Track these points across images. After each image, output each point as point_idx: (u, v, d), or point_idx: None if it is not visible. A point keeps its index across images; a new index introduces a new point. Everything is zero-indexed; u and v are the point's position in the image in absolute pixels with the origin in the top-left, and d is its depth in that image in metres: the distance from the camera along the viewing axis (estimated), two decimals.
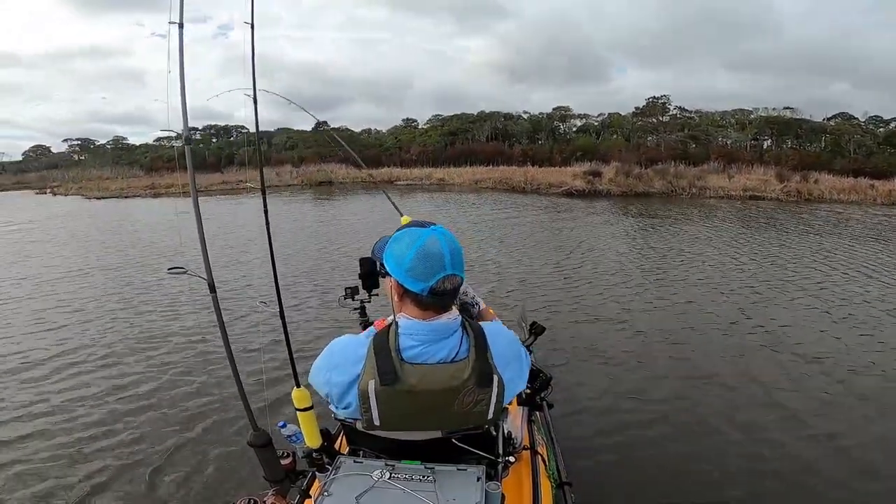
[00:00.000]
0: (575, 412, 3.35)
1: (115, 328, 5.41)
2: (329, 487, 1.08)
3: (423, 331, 1.09)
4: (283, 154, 46.31)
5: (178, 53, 1.64)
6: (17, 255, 10.10)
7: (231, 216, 16.43)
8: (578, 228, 11.76)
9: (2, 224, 15.73)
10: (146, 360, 4.47)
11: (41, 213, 19.46)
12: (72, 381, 4.08)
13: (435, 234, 1.10)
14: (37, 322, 5.63)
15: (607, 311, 5.68)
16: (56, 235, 12.98)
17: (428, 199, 20.46)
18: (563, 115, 47.65)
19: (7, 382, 4.11)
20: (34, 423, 3.44)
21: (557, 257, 8.63)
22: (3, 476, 2.83)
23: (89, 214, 18.39)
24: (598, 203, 16.94)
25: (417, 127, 50.79)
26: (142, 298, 6.60)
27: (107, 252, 10.16)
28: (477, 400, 1.08)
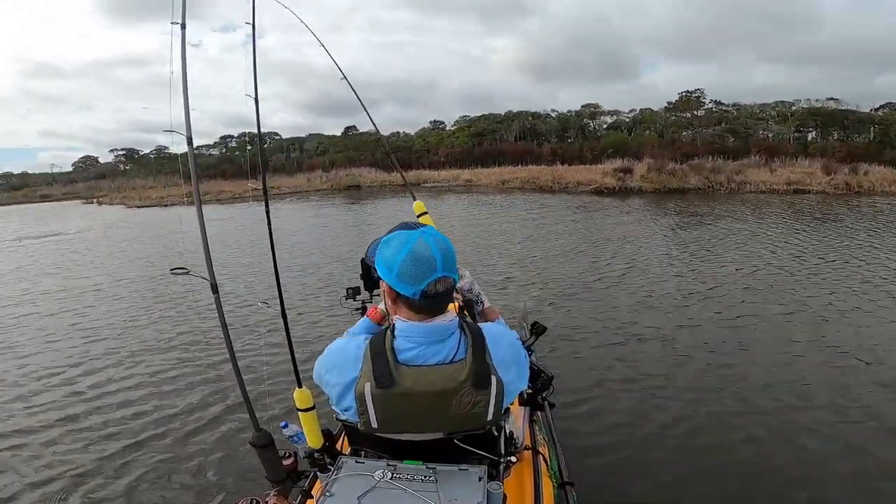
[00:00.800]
0: (577, 412, 3.32)
1: (115, 328, 5.44)
2: (331, 488, 1.08)
3: (420, 333, 1.08)
4: (315, 159, 47.25)
5: (181, 54, 1.63)
6: (46, 264, 10.57)
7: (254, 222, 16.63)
8: (608, 228, 11.33)
9: (42, 235, 16.59)
10: (148, 360, 4.49)
11: (79, 223, 20.40)
12: (71, 380, 4.11)
13: (424, 237, 1.08)
14: (42, 329, 5.72)
15: (614, 311, 5.56)
16: (76, 246, 13.54)
17: (455, 200, 20.37)
18: (592, 113, 46.80)
19: (7, 381, 4.19)
20: (34, 422, 3.47)
21: (582, 258, 8.36)
22: (2, 477, 2.85)
23: (126, 224, 19.14)
24: (630, 201, 16.41)
25: (445, 128, 50.96)
26: (143, 299, 6.67)
27: (112, 257, 10.55)
28: (475, 401, 1.06)
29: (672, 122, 41.01)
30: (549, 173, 23.98)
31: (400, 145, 48.03)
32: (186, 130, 1.64)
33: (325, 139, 53.00)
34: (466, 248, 9.70)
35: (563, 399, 3.32)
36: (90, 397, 3.84)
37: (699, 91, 39.86)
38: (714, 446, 2.93)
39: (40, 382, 4.19)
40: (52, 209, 31.79)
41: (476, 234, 11.27)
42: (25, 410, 3.69)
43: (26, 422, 3.50)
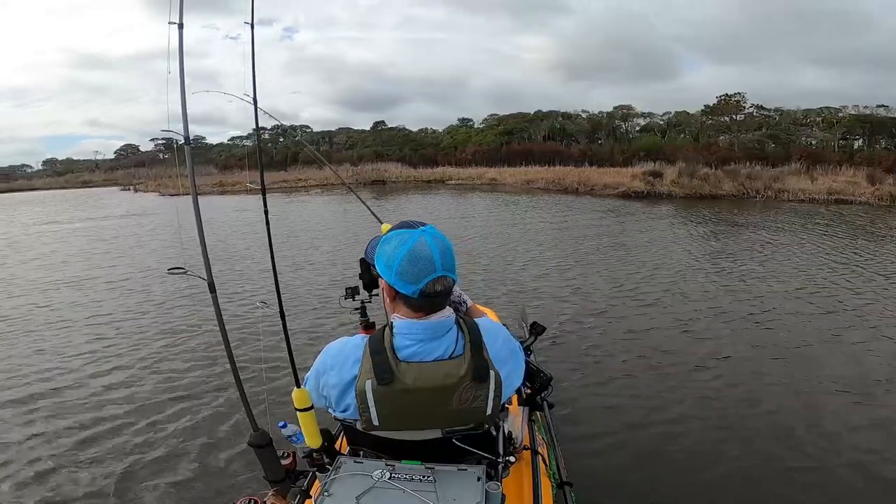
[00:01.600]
0: (576, 412, 3.32)
1: (116, 328, 5.41)
2: (329, 487, 1.08)
3: (418, 330, 1.09)
4: (343, 153, 47.74)
5: (179, 53, 1.65)
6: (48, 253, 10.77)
7: (284, 214, 16.88)
8: (630, 233, 10.91)
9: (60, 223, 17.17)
10: (147, 359, 4.45)
11: (107, 211, 21.06)
12: (71, 381, 4.06)
13: (424, 236, 1.09)
14: (37, 320, 5.76)
15: (612, 309, 5.58)
16: (87, 234, 13.85)
17: (477, 200, 20.18)
18: (624, 114, 45.71)
19: (7, 376, 4.19)
20: (33, 421, 3.44)
21: (596, 261, 8.08)
22: (1, 478, 2.83)
23: (149, 211, 19.65)
24: (659, 206, 15.84)
25: (473, 126, 50.68)
26: (144, 298, 6.62)
27: (107, 255, 10.40)
28: (475, 396, 1.07)
29: (709, 125, 39.59)
30: (575, 175, 23.46)
31: (427, 142, 48.03)
32: (184, 129, 1.66)
33: (354, 133, 53.55)
34: (484, 249, 9.49)
35: (563, 399, 3.34)
36: (85, 396, 3.80)
37: (739, 94, 38.32)
38: (714, 447, 2.92)
39: (34, 378, 4.15)
40: (89, 195, 32.95)
41: (495, 235, 11.05)
42: (17, 410, 3.64)
43: (18, 420, 3.46)
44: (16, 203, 29.09)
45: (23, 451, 3.10)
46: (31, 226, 16.40)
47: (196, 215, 1.68)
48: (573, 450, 2.70)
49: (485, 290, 6.35)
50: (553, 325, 4.90)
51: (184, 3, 1.67)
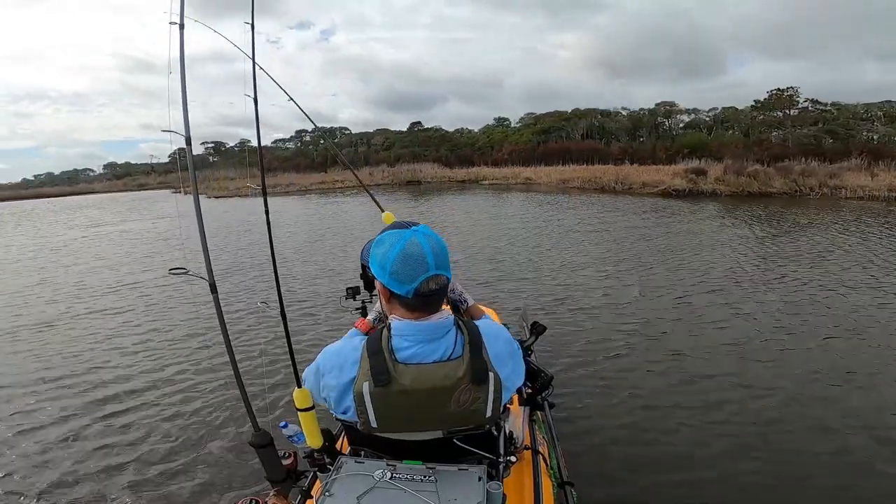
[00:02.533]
0: (577, 412, 3.30)
1: (116, 328, 5.43)
2: (330, 487, 1.08)
3: (415, 331, 1.08)
4: (380, 154, 48.39)
5: (179, 53, 1.66)
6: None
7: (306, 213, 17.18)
8: (662, 236, 10.30)
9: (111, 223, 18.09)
10: (147, 360, 4.46)
11: (152, 213, 22.05)
12: (70, 381, 4.09)
13: (416, 236, 1.09)
14: (43, 323, 5.83)
15: (606, 309, 5.53)
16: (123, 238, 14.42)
17: (510, 199, 19.91)
18: (667, 111, 44.02)
19: (7, 372, 4.27)
20: (32, 420, 3.49)
21: (619, 262, 7.72)
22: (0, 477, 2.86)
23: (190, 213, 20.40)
24: (702, 205, 15.03)
25: (509, 125, 50.20)
26: (143, 298, 6.65)
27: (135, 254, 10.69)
28: (473, 398, 1.06)
29: (760, 121, 37.53)
30: (612, 173, 22.75)
31: (464, 142, 47.95)
32: (185, 130, 1.65)
33: (391, 134, 54.16)
34: (513, 250, 9.29)
35: (563, 399, 3.33)
36: (87, 397, 3.82)
37: (793, 89, 36.06)
38: (715, 447, 2.89)
39: (37, 377, 4.19)
40: (143, 198, 34.63)
41: (522, 239, 10.81)
42: (20, 408, 3.68)
43: (20, 420, 3.49)
44: (78, 207, 30.98)
45: (19, 449, 3.12)
46: (87, 228, 17.41)
47: (197, 216, 1.66)
48: (574, 449, 2.69)
49: (509, 296, 6.20)
50: (553, 324, 4.83)
51: (184, 4, 1.67)
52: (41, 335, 5.43)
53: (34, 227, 19.24)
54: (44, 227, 18.75)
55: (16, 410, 3.65)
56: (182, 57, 1.65)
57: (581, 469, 2.49)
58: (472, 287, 5.74)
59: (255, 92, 2.14)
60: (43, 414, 3.58)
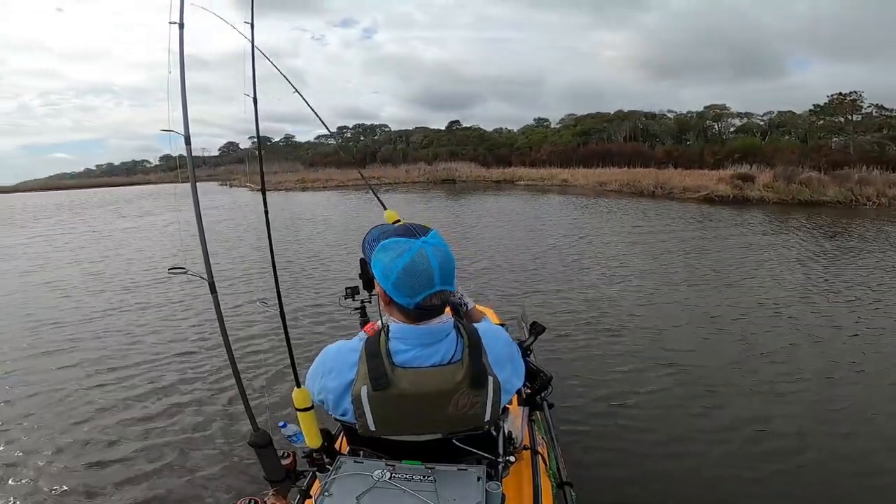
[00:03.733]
0: (576, 412, 3.27)
1: (116, 328, 5.36)
2: (329, 487, 1.08)
3: (415, 335, 1.07)
4: (419, 152, 48.74)
5: (179, 53, 1.62)
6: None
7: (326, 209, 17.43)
8: (691, 240, 9.80)
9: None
10: (147, 360, 4.41)
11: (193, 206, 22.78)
12: (69, 381, 4.03)
13: (425, 248, 1.05)
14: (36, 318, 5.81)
15: (612, 308, 5.47)
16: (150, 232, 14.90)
17: (543, 201, 19.57)
18: (717, 114, 42.11)
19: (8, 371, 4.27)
20: (33, 419, 3.45)
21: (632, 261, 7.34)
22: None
23: (227, 206, 21.11)
24: (747, 212, 14.22)
25: (549, 126, 49.45)
26: (143, 298, 6.58)
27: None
28: (472, 402, 1.05)
29: (819, 126, 35.28)
30: (651, 177, 21.97)
31: (502, 142, 47.58)
32: (184, 129, 1.62)
33: (430, 133, 54.41)
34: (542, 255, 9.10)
35: (563, 399, 3.30)
36: (84, 396, 3.77)
37: (856, 93, 33.63)
38: (714, 447, 2.88)
39: (37, 377, 4.15)
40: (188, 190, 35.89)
41: (556, 247, 10.55)
42: (17, 409, 3.63)
43: (19, 422, 3.45)
44: (135, 197, 32.43)
45: (16, 447, 3.10)
46: (135, 218, 18.28)
47: (196, 215, 1.63)
48: (573, 450, 2.68)
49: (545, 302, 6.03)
50: (554, 324, 4.81)
51: (184, 3, 1.62)
52: (41, 331, 5.44)
53: (91, 215, 20.42)
54: (99, 215, 19.89)
55: (16, 409, 3.63)
56: (182, 56, 1.61)
57: (580, 469, 2.48)
58: (497, 301, 5.58)
59: (254, 92, 2.13)
60: (34, 413, 3.53)
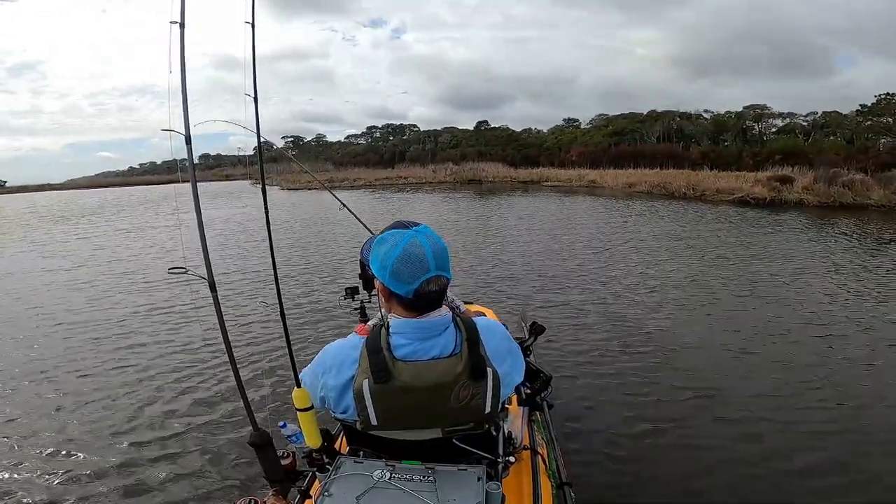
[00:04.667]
0: (576, 412, 3.26)
1: (116, 328, 5.37)
2: (329, 487, 1.08)
3: (414, 329, 1.09)
4: (447, 151, 48.80)
5: (180, 53, 1.61)
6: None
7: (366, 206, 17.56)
8: (722, 245, 9.33)
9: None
10: (146, 359, 4.41)
11: (230, 203, 23.39)
12: (68, 381, 4.04)
13: (417, 236, 1.09)
14: (44, 320, 5.78)
15: (613, 308, 5.42)
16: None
17: (569, 203, 19.23)
18: (758, 114, 40.50)
19: (7, 371, 4.27)
20: (32, 418, 3.45)
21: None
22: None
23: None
24: (784, 216, 13.53)
25: (579, 126, 48.65)
26: (142, 298, 6.58)
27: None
28: (472, 394, 1.07)
29: (865, 127, 33.47)
30: (683, 178, 21.29)
31: (531, 142, 47.11)
32: (185, 130, 1.63)
33: (458, 133, 54.41)
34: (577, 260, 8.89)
35: (563, 399, 3.30)
36: (84, 396, 3.76)
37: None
38: (714, 447, 2.87)
39: (38, 376, 4.16)
40: (227, 189, 36.75)
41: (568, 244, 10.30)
42: (16, 408, 3.63)
43: (19, 421, 3.45)
44: (172, 195, 33.56)
45: (17, 445, 3.13)
46: (166, 216, 18.91)
47: (197, 214, 1.62)
48: (573, 450, 2.68)
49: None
50: (554, 323, 4.79)
51: (185, 3, 1.60)
52: (42, 328, 5.52)
53: (130, 214, 21.25)
54: (138, 214, 20.67)
55: (15, 407, 3.64)
56: (182, 56, 1.60)
57: (580, 469, 2.48)
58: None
59: (255, 91, 2.12)
60: (32, 412, 3.54)
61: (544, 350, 4.17)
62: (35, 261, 10.02)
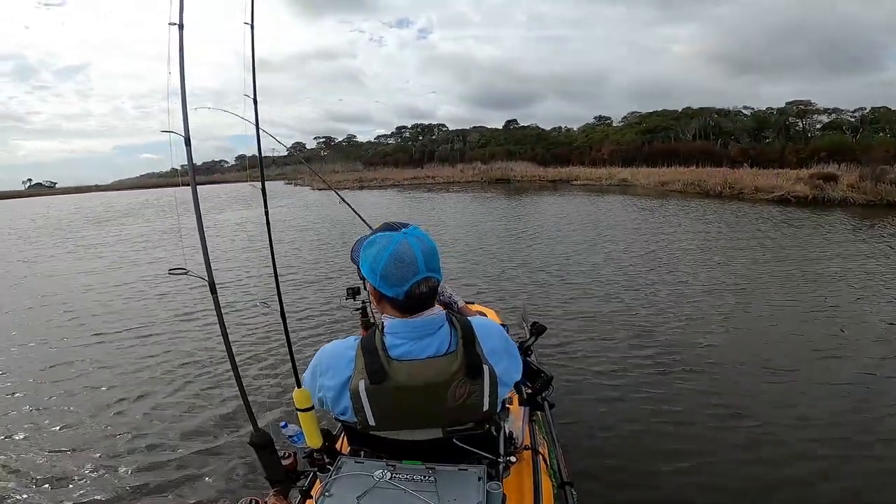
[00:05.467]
0: (577, 412, 3.24)
1: (115, 329, 5.34)
2: (330, 488, 1.09)
3: (408, 328, 1.09)
4: (476, 151, 48.68)
5: (179, 54, 1.63)
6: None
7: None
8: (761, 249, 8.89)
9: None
10: (146, 360, 4.40)
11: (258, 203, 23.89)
12: (69, 381, 4.04)
13: (407, 238, 1.09)
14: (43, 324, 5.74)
15: (615, 312, 5.26)
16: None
17: (597, 202, 18.85)
18: (802, 110, 38.68)
19: (7, 371, 4.30)
20: (33, 417, 3.46)
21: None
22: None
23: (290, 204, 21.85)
24: (830, 215, 12.82)
25: (611, 124, 47.64)
26: (142, 298, 6.60)
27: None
28: (469, 392, 1.06)
29: None
30: (719, 176, 20.52)
31: (560, 141, 46.46)
32: (184, 131, 1.64)
33: (487, 132, 54.17)
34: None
35: (563, 399, 3.28)
36: (84, 397, 3.76)
37: None
38: (714, 446, 2.85)
39: (35, 377, 4.15)
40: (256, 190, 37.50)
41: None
42: (18, 409, 3.63)
43: (20, 421, 3.44)
44: (212, 195, 34.43)
45: (17, 445, 3.13)
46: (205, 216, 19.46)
47: (196, 215, 1.65)
48: (574, 450, 2.66)
49: None
50: (554, 323, 4.73)
51: (184, 4, 1.62)
52: (41, 323, 5.62)
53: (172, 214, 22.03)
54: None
55: (6, 410, 3.64)
56: (181, 57, 1.62)
57: (581, 469, 2.46)
58: None
59: (254, 92, 2.13)
60: (34, 414, 3.54)
61: (548, 350, 4.14)
62: (64, 262, 10.08)
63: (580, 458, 2.63)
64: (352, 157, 60.71)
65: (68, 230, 16.64)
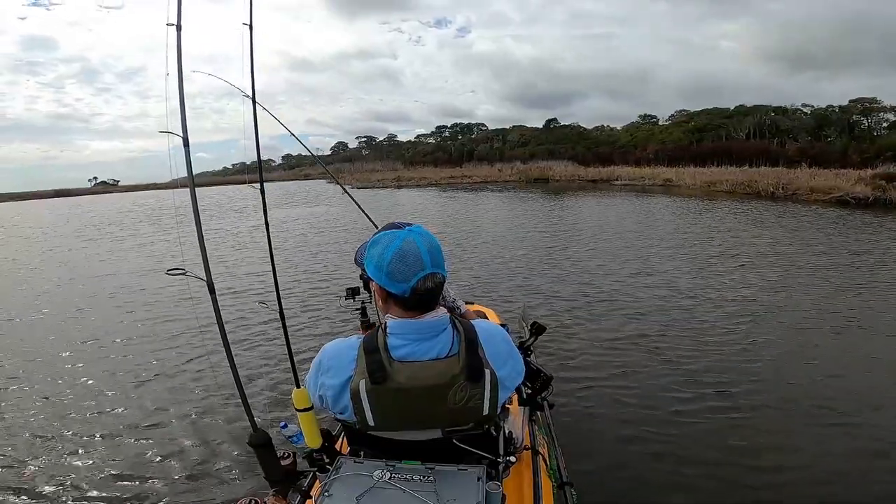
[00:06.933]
0: (576, 412, 3.24)
1: (114, 328, 5.36)
2: (329, 488, 1.09)
3: (412, 329, 1.10)
4: (515, 150, 48.20)
5: (177, 54, 1.65)
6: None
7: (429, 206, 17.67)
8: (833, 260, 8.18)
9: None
10: (145, 360, 4.40)
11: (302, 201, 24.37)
12: (65, 381, 4.04)
13: (411, 235, 1.11)
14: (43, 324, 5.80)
15: (615, 313, 5.22)
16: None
17: (641, 204, 18.19)
18: (866, 108, 35.98)
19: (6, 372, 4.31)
20: (33, 417, 3.45)
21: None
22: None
23: (327, 203, 22.28)
24: (889, 218, 11.84)
25: (657, 123, 45.96)
26: (142, 299, 6.58)
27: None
28: (470, 395, 1.06)
29: None
30: (772, 176, 19.35)
31: (603, 140, 45.27)
32: (182, 131, 1.66)
33: (527, 131, 53.52)
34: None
35: (563, 399, 3.28)
36: (84, 397, 3.76)
37: None
38: (714, 447, 2.85)
39: (36, 378, 4.15)
40: (305, 188, 38.08)
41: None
42: (16, 409, 3.61)
43: (17, 421, 3.45)
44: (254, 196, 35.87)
45: (16, 445, 3.13)
46: (253, 214, 20.11)
47: (195, 215, 1.66)
48: (574, 450, 2.64)
49: None
50: (553, 323, 4.67)
51: (182, 4, 1.64)
52: (41, 319, 5.71)
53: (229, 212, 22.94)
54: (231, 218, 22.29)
55: (6, 410, 3.65)
56: (179, 58, 1.63)
57: (581, 469, 2.45)
58: None
59: (253, 93, 2.12)
60: (32, 415, 3.53)
61: (549, 349, 4.12)
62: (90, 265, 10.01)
63: (580, 458, 2.61)
64: (392, 157, 61.45)
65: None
